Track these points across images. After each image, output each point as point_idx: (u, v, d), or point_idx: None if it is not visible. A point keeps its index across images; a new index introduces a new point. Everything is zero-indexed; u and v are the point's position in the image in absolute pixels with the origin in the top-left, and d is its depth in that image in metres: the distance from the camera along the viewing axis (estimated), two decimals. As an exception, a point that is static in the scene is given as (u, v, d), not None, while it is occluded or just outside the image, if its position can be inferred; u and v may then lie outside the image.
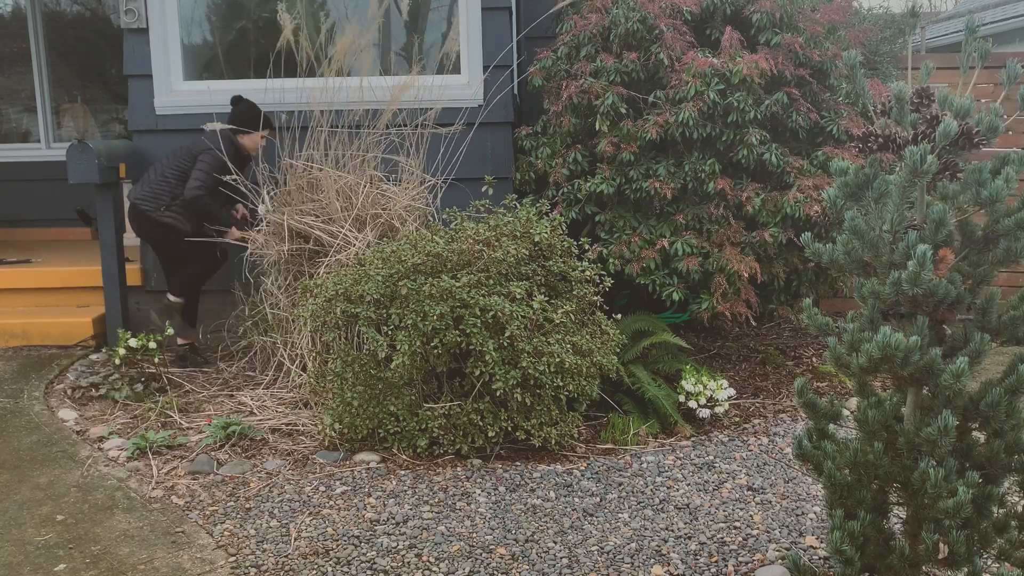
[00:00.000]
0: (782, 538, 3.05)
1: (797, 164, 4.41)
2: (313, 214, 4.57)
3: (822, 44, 4.57)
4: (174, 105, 5.20)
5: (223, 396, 4.46)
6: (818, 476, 2.44)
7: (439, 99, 4.85)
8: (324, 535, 3.04)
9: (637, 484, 3.50)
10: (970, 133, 2.18)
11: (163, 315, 5.18)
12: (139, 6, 5.09)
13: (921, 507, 2.28)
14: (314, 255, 4.58)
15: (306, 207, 4.59)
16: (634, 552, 2.95)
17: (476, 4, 5.09)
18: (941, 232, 2.17)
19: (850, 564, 2.27)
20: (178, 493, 3.39)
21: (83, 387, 4.43)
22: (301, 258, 4.60)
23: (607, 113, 4.48)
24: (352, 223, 4.50)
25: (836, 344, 2.29)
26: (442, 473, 3.57)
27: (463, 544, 2.99)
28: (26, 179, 7.48)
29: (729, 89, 4.35)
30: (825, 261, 2.39)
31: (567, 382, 3.68)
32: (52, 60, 7.68)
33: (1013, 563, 2.28)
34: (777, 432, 4.07)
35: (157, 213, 4.69)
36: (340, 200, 4.54)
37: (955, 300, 2.18)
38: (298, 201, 4.64)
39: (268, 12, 5.40)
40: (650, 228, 4.53)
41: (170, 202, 4.69)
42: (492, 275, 3.78)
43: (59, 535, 3.03)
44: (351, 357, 3.79)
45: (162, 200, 4.69)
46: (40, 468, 3.59)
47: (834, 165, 2.37)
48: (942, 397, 2.24)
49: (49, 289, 5.47)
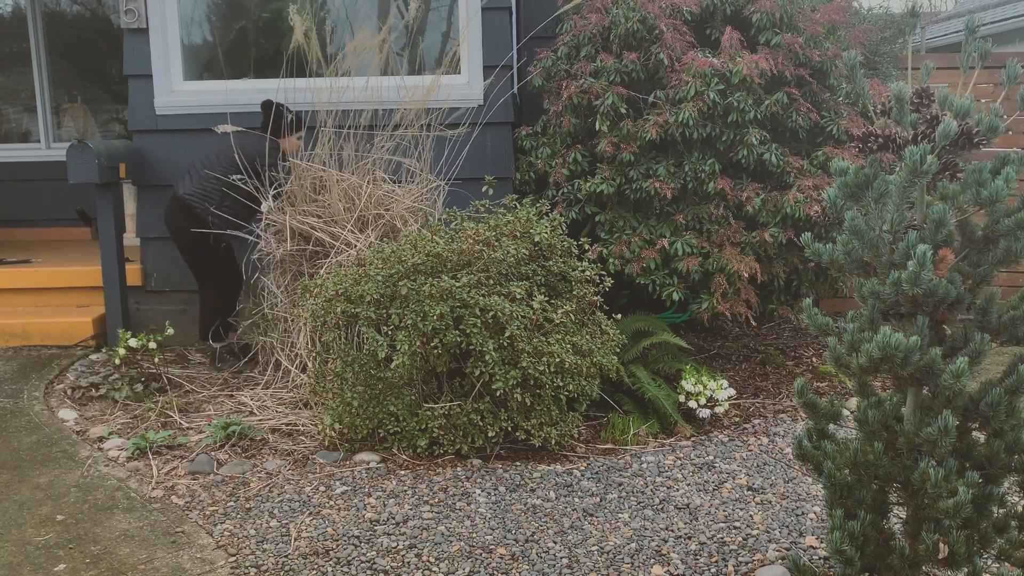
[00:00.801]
0: (782, 538, 3.05)
1: (797, 164, 4.41)
2: (316, 215, 4.56)
3: (822, 44, 4.57)
4: (174, 105, 5.20)
5: (223, 396, 4.46)
6: (818, 476, 2.44)
7: (439, 99, 4.85)
8: (324, 535, 3.04)
9: (637, 484, 3.50)
10: (970, 133, 2.18)
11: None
12: (139, 6, 5.09)
13: (921, 507, 2.28)
14: (315, 255, 4.58)
15: (309, 208, 4.58)
16: (634, 552, 2.95)
17: (476, 4, 5.09)
18: (941, 232, 2.17)
19: (850, 564, 2.27)
20: (178, 493, 3.39)
21: (83, 387, 4.43)
22: (302, 258, 4.59)
23: (607, 113, 4.48)
24: (354, 223, 4.49)
25: (836, 344, 2.29)
26: (442, 473, 3.57)
27: (463, 544, 2.99)
28: (26, 179, 7.49)
29: (729, 89, 4.35)
30: (825, 261, 2.39)
31: (567, 382, 3.68)
32: (52, 60, 7.68)
33: (1013, 563, 2.28)
34: (777, 432, 4.07)
35: (206, 212, 4.59)
36: (343, 201, 4.53)
37: (955, 300, 2.18)
38: (302, 201, 4.63)
39: (268, 12, 5.40)
40: (650, 228, 4.53)
41: (220, 201, 4.60)
42: (492, 275, 3.78)
43: (59, 535, 3.03)
44: (351, 357, 3.79)
45: (212, 199, 4.59)
46: (40, 468, 3.59)
47: (834, 165, 2.37)
48: (942, 397, 2.24)
49: (49, 289, 5.47)
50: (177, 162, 5.06)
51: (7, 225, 7.22)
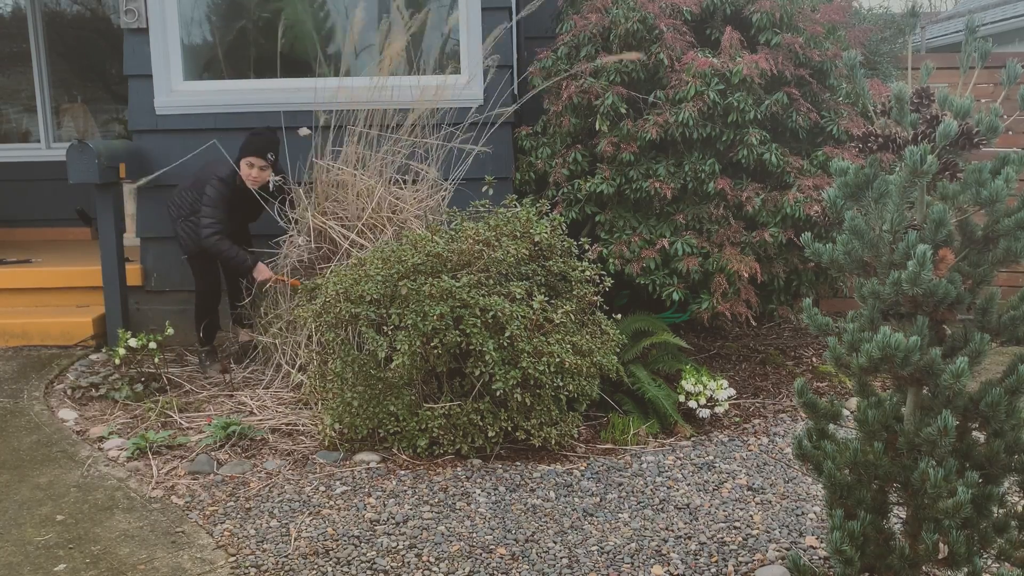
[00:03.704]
0: (782, 538, 3.05)
1: (797, 164, 4.41)
2: (335, 215, 4.57)
3: (822, 44, 4.57)
4: (174, 105, 5.20)
5: (223, 396, 4.46)
6: (818, 476, 2.44)
7: (439, 99, 4.85)
8: (324, 535, 3.04)
9: (637, 484, 3.50)
10: (970, 133, 2.19)
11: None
12: (139, 6, 5.09)
13: (921, 507, 2.28)
14: (326, 258, 4.59)
15: (328, 206, 4.58)
16: (634, 552, 2.95)
17: (476, 4, 5.09)
18: (941, 232, 2.17)
19: (850, 564, 2.27)
20: (178, 493, 3.39)
21: (83, 387, 4.43)
22: (312, 260, 4.61)
23: (607, 113, 4.48)
24: (364, 225, 4.50)
25: (836, 344, 2.29)
26: (442, 473, 3.57)
27: (463, 544, 2.99)
28: (26, 179, 7.48)
29: (729, 89, 4.35)
30: (825, 261, 2.39)
31: (567, 382, 3.68)
32: (52, 60, 7.68)
33: (1013, 563, 2.28)
34: (777, 432, 4.07)
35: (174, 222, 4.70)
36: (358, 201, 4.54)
37: (955, 300, 2.18)
38: (322, 198, 4.63)
39: (268, 12, 5.40)
40: (650, 228, 4.53)
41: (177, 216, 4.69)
42: (492, 275, 3.78)
43: (59, 535, 3.03)
44: (351, 357, 3.79)
45: (173, 212, 4.71)
46: (40, 468, 3.59)
47: (834, 165, 2.37)
48: (942, 397, 2.24)
49: (49, 289, 5.47)
50: (177, 162, 5.06)
51: (7, 225, 7.22)
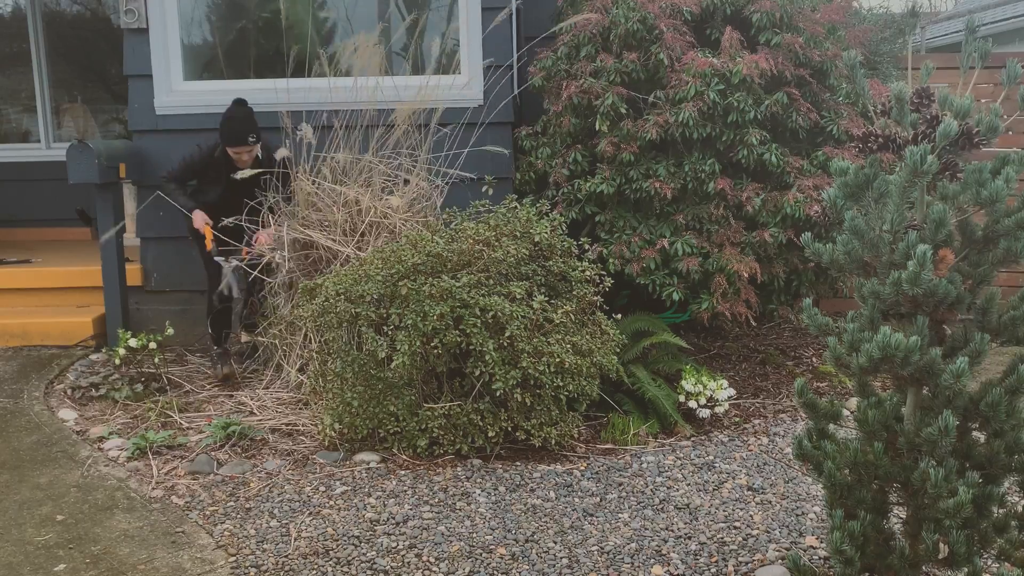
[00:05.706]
0: (782, 538, 3.05)
1: (797, 164, 4.40)
2: (319, 225, 4.56)
3: (822, 44, 4.57)
4: (174, 105, 5.19)
5: (223, 396, 4.46)
6: (818, 476, 2.44)
7: (439, 99, 4.84)
8: (324, 535, 3.04)
9: (637, 484, 3.50)
10: (970, 133, 2.19)
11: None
12: (139, 6, 5.09)
13: (921, 507, 2.28)
14: (317, 260, 4.58)
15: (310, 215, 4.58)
16: (634, 552, 2.95)
17: (476, 4, 5.09)
18: (941, 232, 2.17)
19: (850, 564, 2.27)
20: (178, 493, 3.39)
21: (83, 387, 4.43)
22: (304, 260, 4.60)
23: (607, 113, 4.48)
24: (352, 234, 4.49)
25: (836, 344, 2.29)
26: (442, 473, 3.57)
27: (463, 544, 2.99)
28: (26, 179, 7.48)
29: (729, 89, 4.35)
30: (825, 261, 2.39)
31: (567, 382, 3.68)
32: (52, 60, 7.68)
33: (1013, 563, 2.28)
34: (777, 432, 4.07)
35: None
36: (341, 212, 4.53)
37: (955, 300, 2.18)
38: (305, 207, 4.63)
39: (268, 12, 5.40)
40: (650, 228, 4.53)
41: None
42: (492, 275, 3.78)
43: (59, 535, 3.03)
44: (351, 357, 3.79)
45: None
46: (40, 468, 3.59)
47: (834, 165, 2.37)
48: (942, 397, 2.24)
49: (49, 289, 5.47)
50: (177, 162, 5.05)
51: (7, 225, 7.21)
